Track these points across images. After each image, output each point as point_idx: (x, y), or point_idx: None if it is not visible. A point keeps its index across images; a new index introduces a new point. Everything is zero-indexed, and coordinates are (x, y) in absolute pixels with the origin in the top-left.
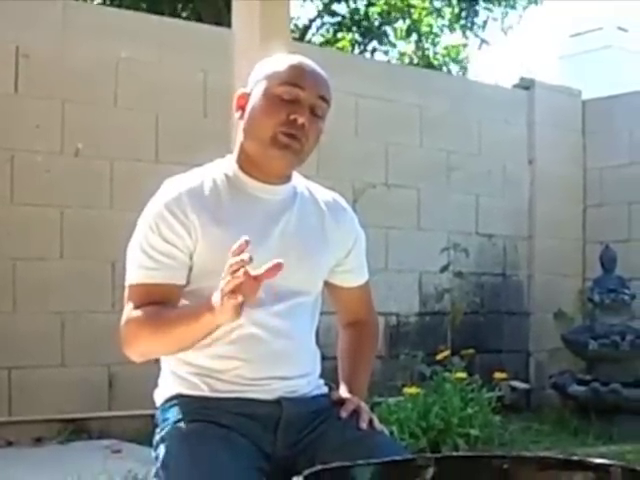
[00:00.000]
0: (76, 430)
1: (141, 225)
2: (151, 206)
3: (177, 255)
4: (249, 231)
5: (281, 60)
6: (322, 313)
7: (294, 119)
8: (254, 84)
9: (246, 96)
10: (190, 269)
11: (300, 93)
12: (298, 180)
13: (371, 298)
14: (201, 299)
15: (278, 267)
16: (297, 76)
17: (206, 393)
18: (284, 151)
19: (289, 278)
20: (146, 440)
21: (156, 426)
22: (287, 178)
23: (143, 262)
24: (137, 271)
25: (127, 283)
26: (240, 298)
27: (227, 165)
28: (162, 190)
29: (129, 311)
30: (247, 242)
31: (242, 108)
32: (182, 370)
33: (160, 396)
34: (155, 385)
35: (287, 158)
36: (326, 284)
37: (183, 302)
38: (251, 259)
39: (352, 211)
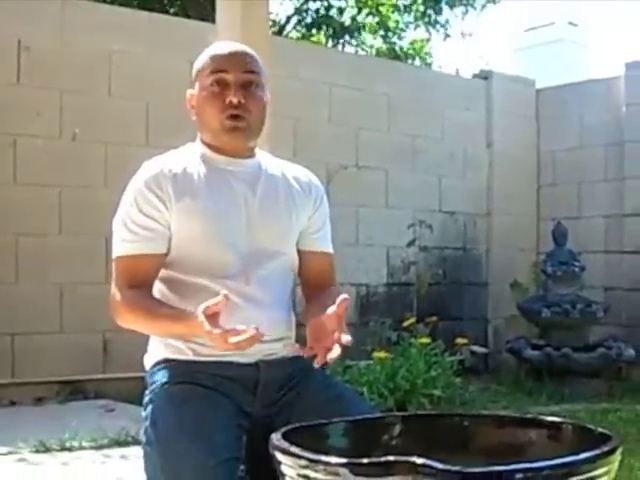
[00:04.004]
0: (73, 391)
1: (123, 202)
2: (131, 184)
3: (155, 227)
4: (219, 200)
5: (204, 54)
6: (298, 284)
7: (229, 101)
8: (193, 84)
9: (193, 96)
10: (169, 239)
11: (226, 76)
12: (264, 156)
13: (334, 271)
14: (179, 266)
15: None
16: (218, 62)
17: (190, 357)
18: (234, 133)
19: (260, 241)
20: (138, 400)
21: (146, 388)
22: (251, 152)
23: (125, 236)
24: (120, 244)
25: (113, 256)
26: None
27: (197, 146)
28: (141, 170)
29: (117, 286)
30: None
31: (193, 107)
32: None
33: (149, 360)
34: (145, 350)
35: (238, 138)
36: None
37: (164, 272)
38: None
39: (317, 180)
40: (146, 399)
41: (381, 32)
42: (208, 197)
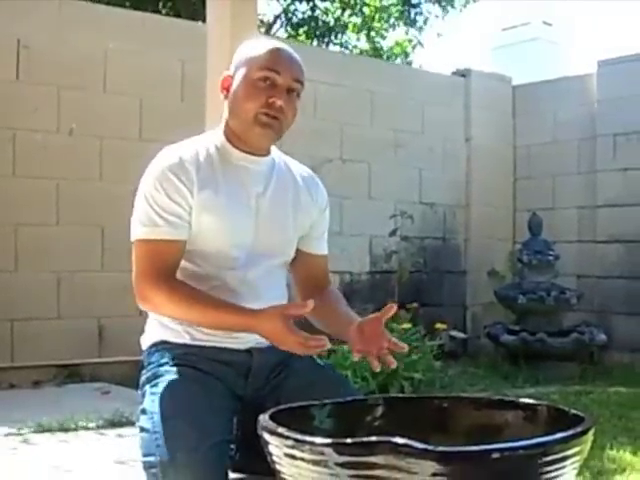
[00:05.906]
0: (70, 374)
1: (146, 186)
2: (154, 169)
3: (181, 213)
4: (233, 194)
5: (259, 45)
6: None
7: (273, 102)
8: (236, 68)
9: (230, 78)
10: (190, 227)
11: (277, 77)
12: (276, 153)
13: (329, 272)
14: (191, 259)
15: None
16: (274, 61)
17: (187, 341)
18: (265, 129)
19: (264, 239)
20: (132, 383)
21: (142, 368)
22: (267, 151)
23: (151, 219)
24: (144, 228)
25: (134, 238)
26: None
27: (216, 137)
28: (163, 155)
29: (148, 270)
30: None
31: (227, 89)
32: (167, 319)
33: (146, 341)
34: (138, 335)
35: (268, 135)
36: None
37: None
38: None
39: (322, 185)
40: (142, 379)
41: (364, 32)
42: (225, 193)
